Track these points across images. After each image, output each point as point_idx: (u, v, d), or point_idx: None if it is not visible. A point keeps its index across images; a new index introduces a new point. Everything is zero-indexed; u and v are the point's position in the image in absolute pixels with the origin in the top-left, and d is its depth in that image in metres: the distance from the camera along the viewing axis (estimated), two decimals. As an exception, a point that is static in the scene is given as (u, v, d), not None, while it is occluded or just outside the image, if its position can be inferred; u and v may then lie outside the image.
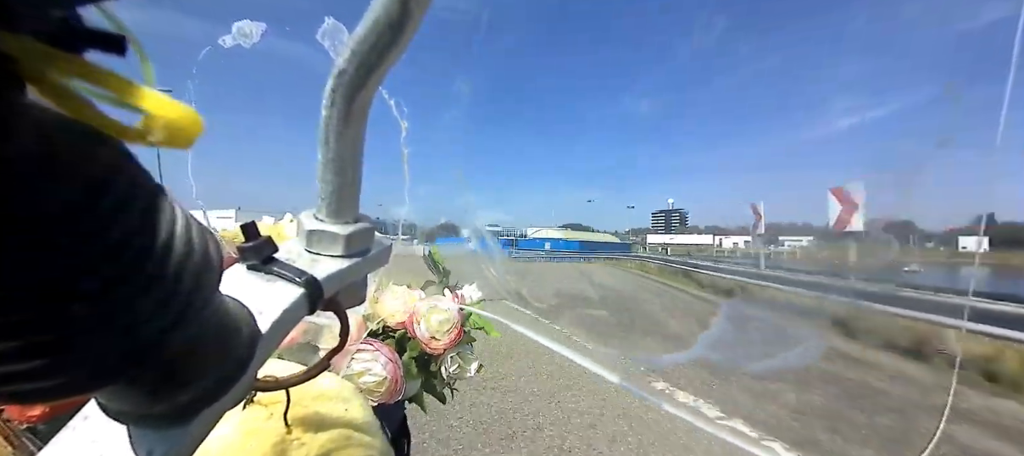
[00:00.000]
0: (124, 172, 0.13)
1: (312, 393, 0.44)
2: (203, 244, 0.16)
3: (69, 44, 0.11)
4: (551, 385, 4.08)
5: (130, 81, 0.12)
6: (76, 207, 0.12)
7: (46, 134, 0.11)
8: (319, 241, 0.28)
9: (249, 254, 0.25)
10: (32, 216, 0.11)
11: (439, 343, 0.75)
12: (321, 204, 0.28)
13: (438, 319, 0.75)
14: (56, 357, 0.13)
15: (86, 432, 0.20)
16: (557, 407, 3.63)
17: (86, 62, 0.12)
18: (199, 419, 0.20)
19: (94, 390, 0.19)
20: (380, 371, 0.66)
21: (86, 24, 0.12)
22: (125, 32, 0.12)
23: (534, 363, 4.59)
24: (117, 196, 0.13)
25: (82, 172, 0.12)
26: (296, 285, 0.24)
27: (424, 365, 0.77)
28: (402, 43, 0.22)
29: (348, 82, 0.23)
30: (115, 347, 0.14)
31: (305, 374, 0.30)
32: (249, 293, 0.23)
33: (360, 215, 0.29)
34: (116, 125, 0.12)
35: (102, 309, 0.13)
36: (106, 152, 0.13)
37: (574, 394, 3.88)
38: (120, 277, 0.13)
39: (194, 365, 0.18)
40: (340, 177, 0.27)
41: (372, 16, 0.21)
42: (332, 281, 0.27)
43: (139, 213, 0.14)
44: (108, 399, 0.19)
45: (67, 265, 0.12)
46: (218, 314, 0.19)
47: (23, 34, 0.10)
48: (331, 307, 0.29)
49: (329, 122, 0.24)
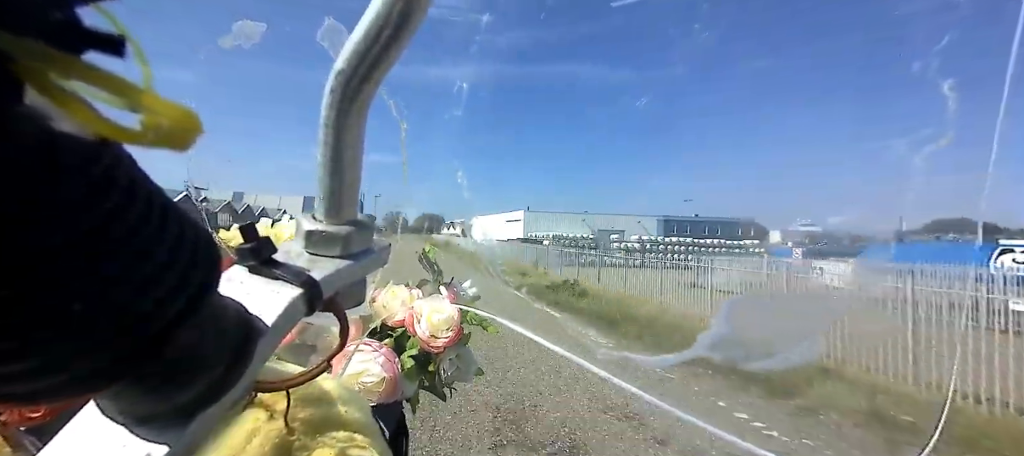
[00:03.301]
0: (123, 174, 0.13)
1: (312, 394, 0.44)
2: (202, 245, 0.16)
3: (68, 45, 0.11)
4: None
5: (129, 82, 0.12)
6: (76, 208, 0.12)
7: (45, 135, 0.11)
8: (318, 242, 0.28)
9: (248, 255, 0.25)
10: (32, 217, 0.11)
11: (439, 341, 0.75)
12: (320, 204, 0.28)
13: (438, 317, 0.75)
14: (55, 357, 0.13)
15: (85, 433, 0.20)
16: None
17: (85, 63, 0.12)
18: (199, 419, 0.20)
19: (93, 390, 0.19)
20: (378, 371, 0.67)
21: (85, 25, 0.12)
22: (124, 33, 0.12)
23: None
24: (116, 198, 0.13)
25: (81, 173, 0.12)
26: (295, 286, 0.24)
27: (423, 364, 0.77)
28: (401, 43, 0.22)
29: (347, 82, 0.23)
30: (114, 347, 0.14)
31: (305, 375, 0.30)
32: (248, 294, 0.23)
33: (360, 216, 0.29)
34: (115, 126, 0.12)
35: (102, 309, 0.13)
36: (105, 153, 0.13)
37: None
38: (120, 278, 0.13)
39: (194, 366, 0.18)
40: (339, 178, 0.26)
41: (371, 17, 0.21)
42: (331, 281, 0.27)
43: (138, 215, 0.14)
44: (108, 400, 0.19)
45: (66, 266, 0.12)
46: (217, 315, 0.19)
47: (22, 35, 0.10)
48: (330, 308, 0.29)
49: (329, 123, 0.24)
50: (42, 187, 0.11)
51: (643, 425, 3.36)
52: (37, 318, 0.12)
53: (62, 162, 0.11)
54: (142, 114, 0.12)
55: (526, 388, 4.00)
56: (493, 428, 3.23)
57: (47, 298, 0.12)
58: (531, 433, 3.19)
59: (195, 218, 0.17)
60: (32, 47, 0.11)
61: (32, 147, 0.11)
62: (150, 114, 0.13)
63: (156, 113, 0.13)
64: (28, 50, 0.10)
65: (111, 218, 0.13)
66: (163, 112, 0.13)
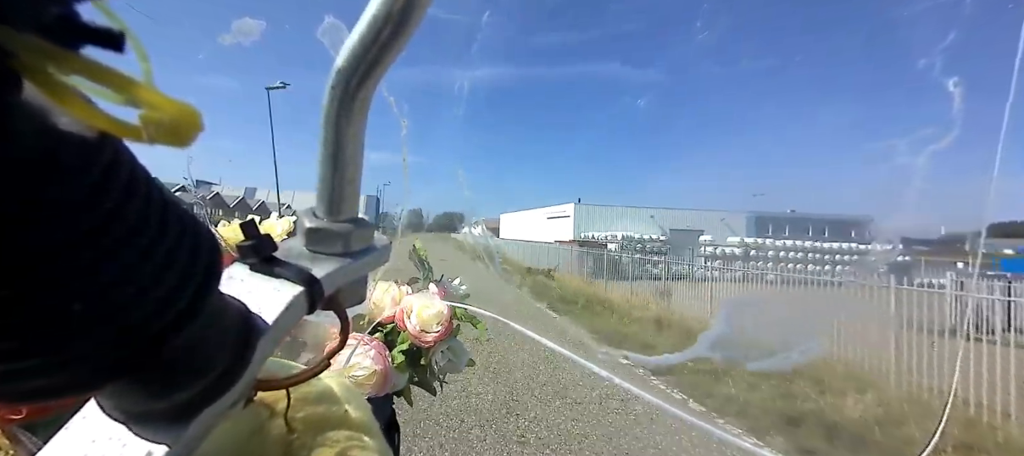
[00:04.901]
0: (123, 170, 0.13)
1: (313, 393, 0.44)
2: (203, 243, 0.16)
3: (67, 40, 0.11)
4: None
5: (129, 78, 0.12)
6: (76, 208, 0.12)
7: (45, 132, 0.11)
8: (319, 239, 0.28)
9: (248, 253, 0.24)
10: (31, 216, 0.11)
11: (429, 336, 0.75)
12: (321, 202, 0.28)
13: (428, 312, 0.76)
14: (55, 356, 0.13)
15: (85, 431, 0.19)
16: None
17: (84, 58, 0.12)
18: (199, 419, 0.20)
19: (94, 389, 0.19)
20: (369, 364, 0.67)
21: (84, 20, 0.12)
22: (123, 28, 0.12)
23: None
24: (116, 196, 0.13)
25: (81, 170, 0.12)
26: (296, 284, 0.24)
27: (414, 358, 0.77)
28: (402, 41, 0.22)
29: (348, 80, 0.23)
30: (115, 346, 0.14)
31: (306, 373, 0.29)
32: (249, 292, 0.23)
33: (360, 215, 0.29)
34: (115, 122, 0.12)
35: (101, 308, 0.13)
36: (105, 150, 0.12)
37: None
38: (120, 278, 0.13)
39: (194, 364, 0.18)
40: (340, 175, 0.26)
41: (372, 14, 0.21)
42: (332, 279, 0.27)
43: (138, 213, 0.13)
44: (108, 398, 0.19)
45: (66, 266, 0.12)
46: (218, 313, 0.19)
47: (21, 30, 0.10)
48: (331, 306, 0.28)
49: (329, 120, 0.24)
50: (42, 186, 0.11)
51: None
52: (37, 318, 0.12)
53: (63, 161, 0.11)
54: (142, 110, 0.12)
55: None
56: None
57: (47, 298, 0.12)
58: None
59: (195, 215, 0.17)
60: (30, 42, 0.10)
61: (32, 145, 0.11)
62: (150, 110, 0.12)
63: (156, 109, 0.12)
64: (26, 45, 0.10)
65: (111, 217, 0.13)
66: (163, 108, 0.12)
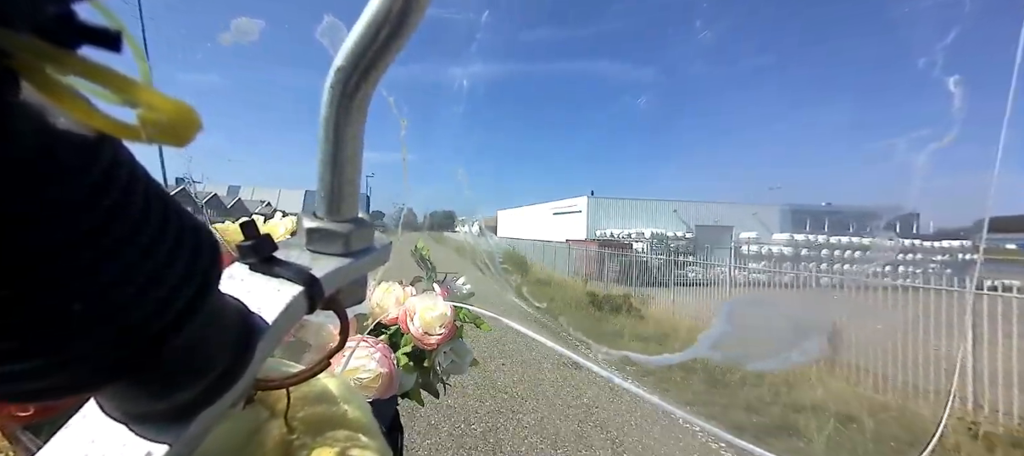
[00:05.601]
0: (122, 170, 0.13)
1: (313, 393, 0.44)
2: (202, 242, 0.16)
3: (65, 40, 0.11)
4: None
5: (127, 77, 0.12)
6: (76, 208, 0.12)
7: (44, 132, 0.11)
8: (319, 239, 0.28)
9: (248, 253, 0.24)
10: (31, 216, 0.11)
11: (433, 338, 0.75)
12: (321, 202, 0.28)
13: (431, 315, 0.75)
14: (55, 356, 0.13)
15: (85, 431, 0.19)
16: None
17: (82, 58, 0.12)
18: (199, 419, 0.20)
19: (93, 390, 0.19)
20: (374, 367, 0.67)
21: (82, 20, 0.12)
22: (121, 28, 0.12)
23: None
24: (116, 196, 0.13)
25: (81, 170, 0.12)
26: (296, 284, 0.24)
27: (418, 360, 0.77)
28: (401, 40, 0.22)
29: (347, 80, 0.23)
30: (114, 346, 0.14)
31: (306, 373, 0.29)
32: (249, 292, 0.23)
33: (360, 214, 0.29)
34: (113, 122, 0.12)
35: (101, 308, 0.13)
36: (104, 150, 0.12)
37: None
38: (120, 278, 0.13)
39: (194, 365, 0.18)
40: (340, 175, 0.26)
41: (371, 13, 0.21)
42: (332, 279, 0.27)
43: (138, 213, 0.13)
44: (108, 399, 0.19)
45: (66, 266, 0.12)
46: (217, 313, 0.19)
47: (19, 30, 0.10)
48: (331, 306, 0.28)
49: (328, 120, 0.24)
50: (42, 186, 0.11)
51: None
52: (37, 318, 0.12)
53: (62, 161, 0.11)
54: (140, 109, 0.12)
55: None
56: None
57: (47, 298, 0.12)
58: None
59: (195, 214, 0.17)
60: (28, 42, 0.10)
61: (32, 145, 0.11)
62: (148, 109, 0.12)
63: (154, 108, 0.12)
64: (24, 45, 0.10)
65: (111, 217, 0.13)
66: (161, 107, 0.12)
